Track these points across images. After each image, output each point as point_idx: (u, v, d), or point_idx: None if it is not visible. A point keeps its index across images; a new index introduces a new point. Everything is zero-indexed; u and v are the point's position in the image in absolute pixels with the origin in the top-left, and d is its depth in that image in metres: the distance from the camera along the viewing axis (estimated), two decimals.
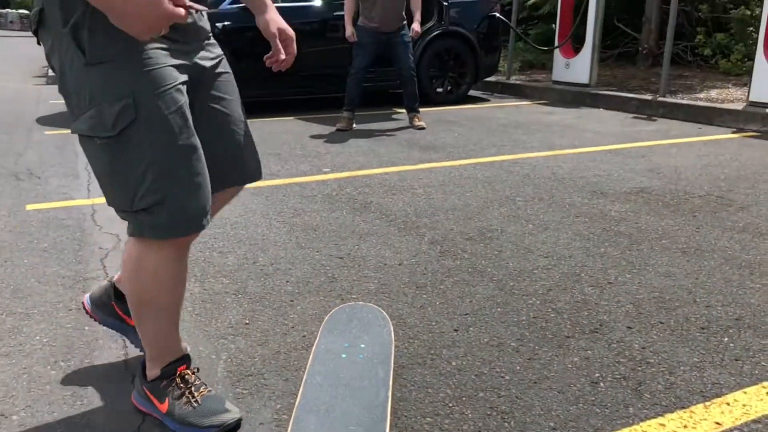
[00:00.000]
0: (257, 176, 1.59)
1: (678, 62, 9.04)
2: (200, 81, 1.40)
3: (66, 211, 3.22)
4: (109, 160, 1.25)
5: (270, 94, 6.61)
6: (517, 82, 8.38)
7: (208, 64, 1.42)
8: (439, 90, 7.32)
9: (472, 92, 7.99)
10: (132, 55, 1.21)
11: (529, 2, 10.40)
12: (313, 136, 5.30)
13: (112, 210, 1.33)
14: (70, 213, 3.19)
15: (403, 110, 6.67)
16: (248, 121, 1.58)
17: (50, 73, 10.20)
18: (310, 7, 6.62)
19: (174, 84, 1.26)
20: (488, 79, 8.22)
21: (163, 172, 1.25)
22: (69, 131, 1.43)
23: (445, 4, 7.14)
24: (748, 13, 8.49)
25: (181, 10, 1.14)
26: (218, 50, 1.49)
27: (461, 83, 7.42)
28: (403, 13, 5.49)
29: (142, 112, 1.21)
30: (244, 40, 6.12)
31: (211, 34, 1.46)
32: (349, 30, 5.42)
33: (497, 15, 7.54)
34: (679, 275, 2.35)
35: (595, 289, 2.22)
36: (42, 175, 4.02)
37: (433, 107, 6.98)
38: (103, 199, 3.38)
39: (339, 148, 4.82)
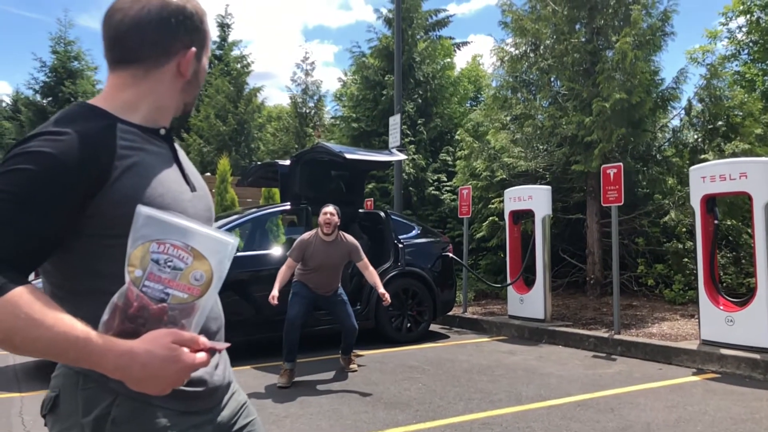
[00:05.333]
0: None
1: (625, 291, 9.42)
2: None
3: None
4: None
5: (232, 342, 6.44)
6: (475, 316, 8.49)
7: (232, 420, 1.33)
8: (399, 329, 7.31)
9: (431, 327, 8.01)
10: None
11: (478, 235, 10.99)
12: (271, 393, 5.06)
13: None
14: None
15: (363, 353, 6.59)
16: None
17: None
18: (265, 255, 6.78)
19: None
20: None
21: None
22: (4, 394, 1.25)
23: (401, 246, 7.45)
24: (681, 246, 9.14)
25: (203, 356, 1.07)
26: (242, 397, 1.40)
27: (420, 321, 7.47)
28: (339, 277, 5.70)
29: None
30: None
31: (232, 380, 1.37)
32: (274, 292, 5.27)
33: (450, 255, 7.88)
34: None
35: None
36: None
37: (394, 347, 6.91)
38: None
39: (299, 408, 4.58)
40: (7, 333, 0.98)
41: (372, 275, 5.58)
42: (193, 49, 1.25)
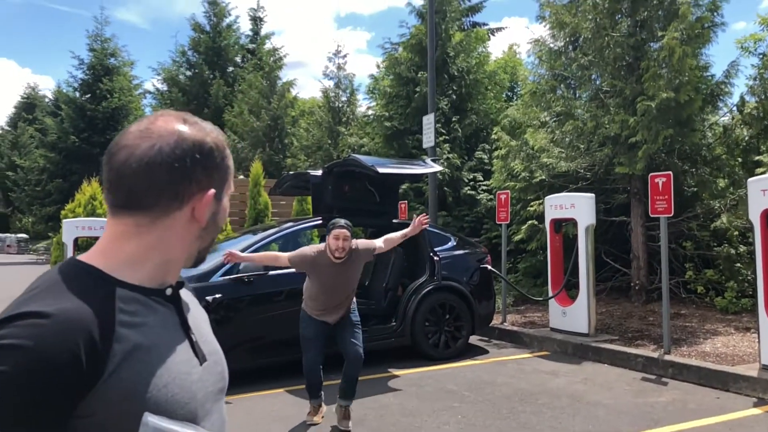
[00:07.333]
0: None
1: (672, 298, 8.97)
2: None
3: None
4: None
5: (263, 363, 6.29)
6: (514, 328, 8.19)
7: None
8: (436, 345, 7.06)
9: (470, 340, 7.75)
10: None
11: (516, 238, 10.65)
12: (305, 425, 4.88)
13: None
14: None
15: (399, 373, 6.38)
16: (233, 398, 1.25)
17: None
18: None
19: None
20: None
21: None
22: None
23: (436, 258, 7.19)
24: (733, 251, 8.66)
25: None
26: None
27: (458, 337, 7.21)
28: (353, 295, 4.88)
29: None
30: (235, 311, 6.02)
31: None
32: (240, 254, 4.95)
33: (488, 267, 7.59)
34: None
35: None
36: None
37: (431, 366, 6.67)
38: None
39: None
40: None
41: (392, 238, 4.93)
42: (212, 191, 1.02)
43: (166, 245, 1.01)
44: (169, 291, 1.03)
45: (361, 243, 4.87)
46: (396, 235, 4.98)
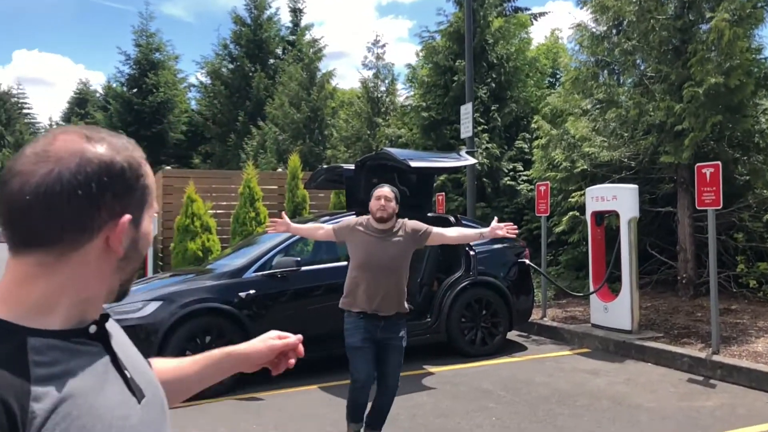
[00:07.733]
0: None
1: (722, 292, 8.59)
2: None
3: None
4: None
5: (297, 359, 6.28)
6: (554, 323, 7.96)
7: None
8: (473, 342, 6.91)
9: (508, 335, 7.57)
10: None
11: (557, 230, 10.36)
12: (338, 424, 4.82)
13: None
14: None
15: (434, 370, 6.27)
16: (265, 395, 1.19)
17: None
18: (334, 268, 6.53)
19: None
20: None
21: None
22: None
23: (472, 253, 7.02)
24: None
25: None
26: None
27: (495, 333, 7.04)
28: (404, 299, 4.22)
29: None
30: (267, 307, 6.02)
31: None
32: (289, 221, 4.54)
33: (527, 262, 7.38)
34: None
35: None
36: None
37: (467, 363, 6.54)
38: None
39: None
40: None
41: (467, 234, 4.57)
42: (127, 216, 0.89)
43: (79, 283, 0.89)
44: (92, 328, 0.91)
45: (411, 222, 4.32)
46: (471, 233, 4.63)
